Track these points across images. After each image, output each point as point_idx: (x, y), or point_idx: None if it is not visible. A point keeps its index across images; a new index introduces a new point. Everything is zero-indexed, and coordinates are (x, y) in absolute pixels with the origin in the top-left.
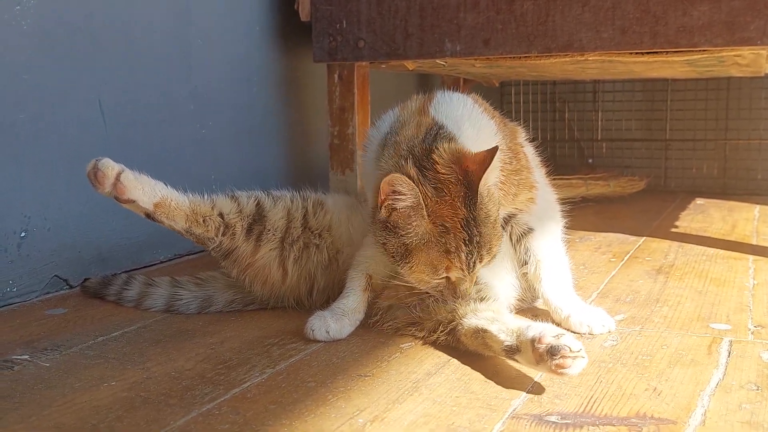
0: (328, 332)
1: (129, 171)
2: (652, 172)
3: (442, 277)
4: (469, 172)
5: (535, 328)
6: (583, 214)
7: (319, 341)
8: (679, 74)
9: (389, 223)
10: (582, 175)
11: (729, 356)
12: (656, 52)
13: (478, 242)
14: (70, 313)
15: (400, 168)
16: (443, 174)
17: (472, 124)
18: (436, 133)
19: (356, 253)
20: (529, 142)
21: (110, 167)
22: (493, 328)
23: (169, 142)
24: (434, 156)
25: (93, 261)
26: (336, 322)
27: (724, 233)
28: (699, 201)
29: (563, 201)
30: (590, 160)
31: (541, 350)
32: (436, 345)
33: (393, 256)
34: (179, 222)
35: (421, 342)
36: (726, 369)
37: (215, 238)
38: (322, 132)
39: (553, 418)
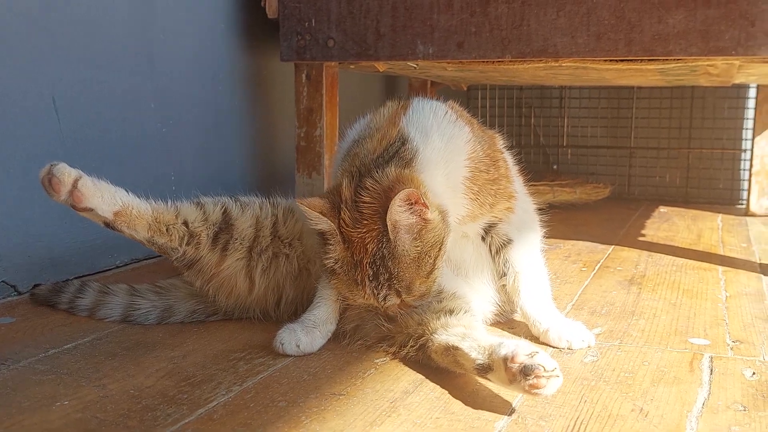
0: (299, 346)
1: (87, 177)
2: (616, 180)
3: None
4: (388, 207)
5: (507, 346)
6: (550, 221)
7: (288, 356)
8: (649, 82)
9: (321, 237)
10: (548, 181)
11: (711, 374)
12: (631, 60)
13: (386, 280)
14: (18, 322)
15: (341, 185)
16: (366, 203)
17: (441, 135)
18: (396, 150)
19: None
20: (508, 149)
21: (66, 173)
22: (464, 346)
23: (128, 141)
24: (367, 182)
25: (44, 266)
26: (307, 335)
27: (690, 243)
28: (662, 209)
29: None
30: (555, 166)
31: (514, 370)
32: (407, 360)
33: (323, 270)
34: (141, 231)
35: (393, 357)
36: (710, 388)
37: (179, 248)
38: (288, 133)
39: None
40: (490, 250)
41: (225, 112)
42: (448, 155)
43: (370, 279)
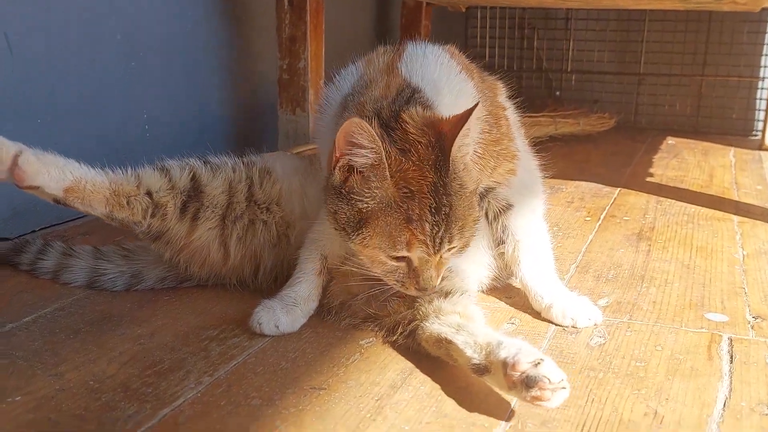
0: (278, 327)
1: (29, 151)
2: (622, 108)
3: (401, 256)
4: (442, 135)
5: (507, 348)
6: (551, 157)
7: (266, 336)
8: (665, 7)
9: (344, 189)
10: (550, 111)
11: (732, 362)
12: None
13: (446, 214)
14: None
15: None
16: (413, 135)
17: (450, 90)
18: (410, 95)
19: (310, 228)
20: (509, 98)
21: (4, 149)
22: (458, 340)
23: (91, 80)
24: (404, 116)
25: (6, 218)
26: (287, 314)
27: (702, 184)
28: (671, 141)
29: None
30: (558, 93)
31: (515, 378)
32: (395, 346)
33: (344, 228)
34: (98, 207)
35: (380, 340)
36: (731, 382)
37: (142, 222)
38: (270, 65)
39: None
40: (487, 216)
41: (200, 45)
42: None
43: (432, 211)
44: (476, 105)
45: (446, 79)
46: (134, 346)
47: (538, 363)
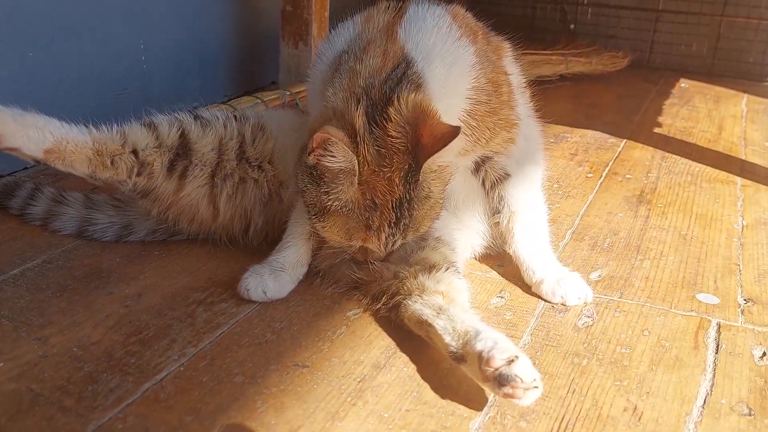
0: (266, 293)
1: (6, 111)
2: (637, 46)
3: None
4: (420, 145)
5: (484, 341)
6: (560, 98)
7: (254, 302)
8: None
9: (315, 171)
10: (562, 47)
11: (717, 352)
12: None
13: (404, 225)
14: None
15: (348, 110)
16: (393, 137)
17: (443, 59)
18: (403, 73)
19: None
20: (514, 60)
21: None
22: (438, 325)
23: (85, 7)
24: (390, 111)
25: None
26: (275, 280)
27: (710, 138)
28: (683, 84)
29: (540, 80)
30: (572, 26)
31: (488, 374)
32: (379, 317)
33: (308, 207)
34: (80, 168)
35: (366, 310)
36: (714, 375)
37: (128, 181)
38: None
39: None
40: (484, 185)
41: None
42: (450, 85)
43: (391, 225)
44: (457, 130)
45: (441, 48)
46: (121, 308)
47: (512, 361)
